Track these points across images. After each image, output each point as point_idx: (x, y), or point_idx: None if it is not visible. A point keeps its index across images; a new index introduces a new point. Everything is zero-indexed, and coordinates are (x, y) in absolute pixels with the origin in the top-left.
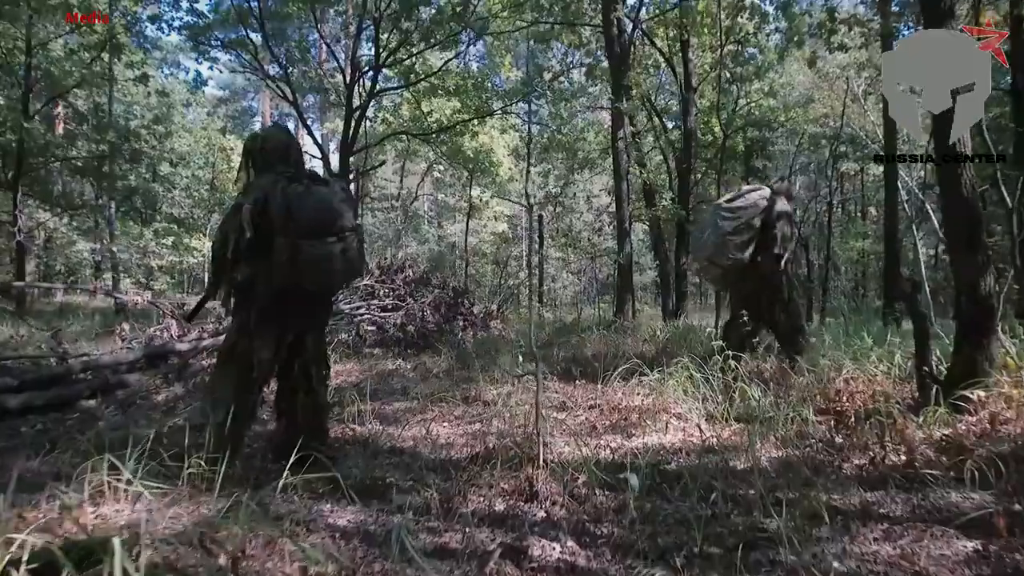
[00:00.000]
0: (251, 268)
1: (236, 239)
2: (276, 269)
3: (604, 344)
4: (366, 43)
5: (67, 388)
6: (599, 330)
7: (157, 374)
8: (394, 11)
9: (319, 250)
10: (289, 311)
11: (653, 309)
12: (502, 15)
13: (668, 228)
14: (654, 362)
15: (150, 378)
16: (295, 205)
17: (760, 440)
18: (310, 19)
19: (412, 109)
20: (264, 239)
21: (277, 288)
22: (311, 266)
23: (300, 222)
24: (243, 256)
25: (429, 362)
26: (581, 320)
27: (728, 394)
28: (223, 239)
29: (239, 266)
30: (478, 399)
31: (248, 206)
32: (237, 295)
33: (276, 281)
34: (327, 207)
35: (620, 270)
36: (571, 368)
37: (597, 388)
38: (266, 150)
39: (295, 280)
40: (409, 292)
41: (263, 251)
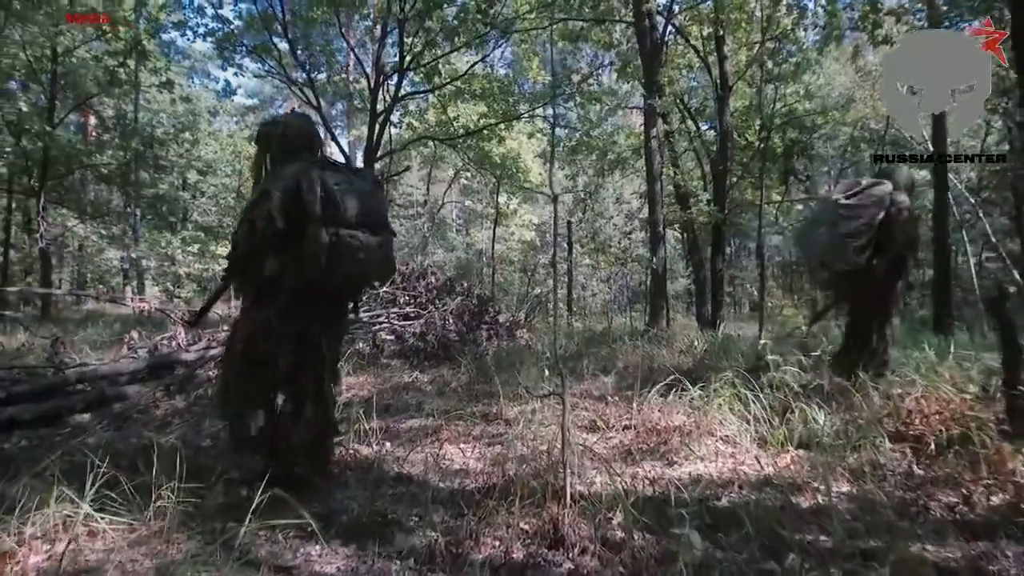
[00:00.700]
0: (279, 260)
1: (263, 229)
2: (308, 261)
3: (638, 356)
4: (391, 46)
5: (60, 401)
6: (631, 340)
7: (159, 386)
8: (418, 11)
9: (360, 242)
10: (313, 308)
11: (687, 318)
12: (529, 16)
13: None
14: (693, 376)
15: (151, 390)
16: (338, 194)
17: (826, 471)
18: (335, 23)
19: (438, 114)
20: (294, 230)
21: (304, 282)
22: (350, 259)
23: (344, 212)
24: (271, 248)
25: (448, 374)
26: (612, 329)
27: (783, 415)
28: (250, 229)
29: (267, 258)
30: (499, 417)
31: (278, 194)
32: (261, 290)
33: (306, 275)
34: (371, 198)
35: (654, 276)
36: (602, 382)
37: (632, 405)
38: (287, 137)
39: (327, 274)
40: (431, 300)
41: (292, 243)
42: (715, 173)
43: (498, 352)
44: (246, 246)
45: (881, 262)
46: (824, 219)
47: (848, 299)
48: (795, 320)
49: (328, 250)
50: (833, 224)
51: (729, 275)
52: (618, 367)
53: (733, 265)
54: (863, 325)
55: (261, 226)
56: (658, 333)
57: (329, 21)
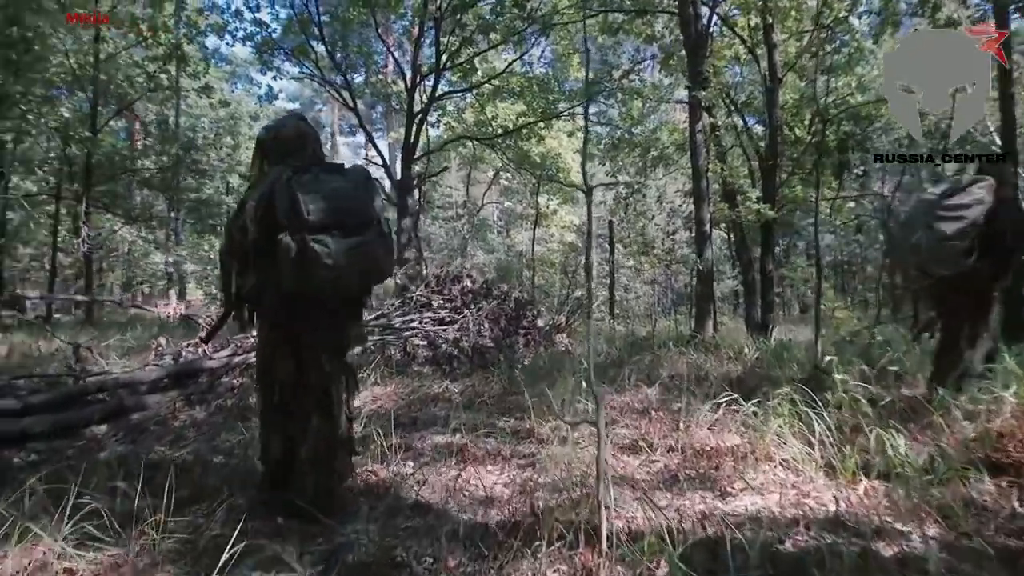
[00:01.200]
0: (259, 273)
1: (240, 241)
2: (283, 272)
3: (683, 364)
4: (428, 46)
5: (76, 411)
6: (676, 346)
7: (180, 395)
8: (453, 7)
9: (330, 248)
10: (305, 320)
11: (735, 321)
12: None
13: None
14: (744, 387)
15: (171, 400)
16: (302, 197)
17: (911, 508)
18: (371, 24)
19: (476, 113)
20: (270, 240)
21: (286, 295)
22: (320, 267)
23: (308, 215)
24: (251, 260)
25: (480, 384)
26: (656, 334)
27: (853, 437)
28: (229, 242)
29: (248, 272)
30: (532, 435)
31: (252, 203)
32: (251, 306)
33: (284, 286)
34: (340, 197)
35: (700, 278)
36: (645, 394)
37: (678, 421)
38: (279, 140)
39: (300, 283)
40: (466, 304)
41: (271, 253)
42: (764, 169)
43: (535, 359)
44: (228, 262)
45: (985, 265)
46: (920, 221)
47: (947, 306)
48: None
49: (296, 257)
50: (931, 226)
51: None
52: (662, 377)
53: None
54: (959, 333)
55: (239, 238)
56: (705, 339)
57: (365, 22)
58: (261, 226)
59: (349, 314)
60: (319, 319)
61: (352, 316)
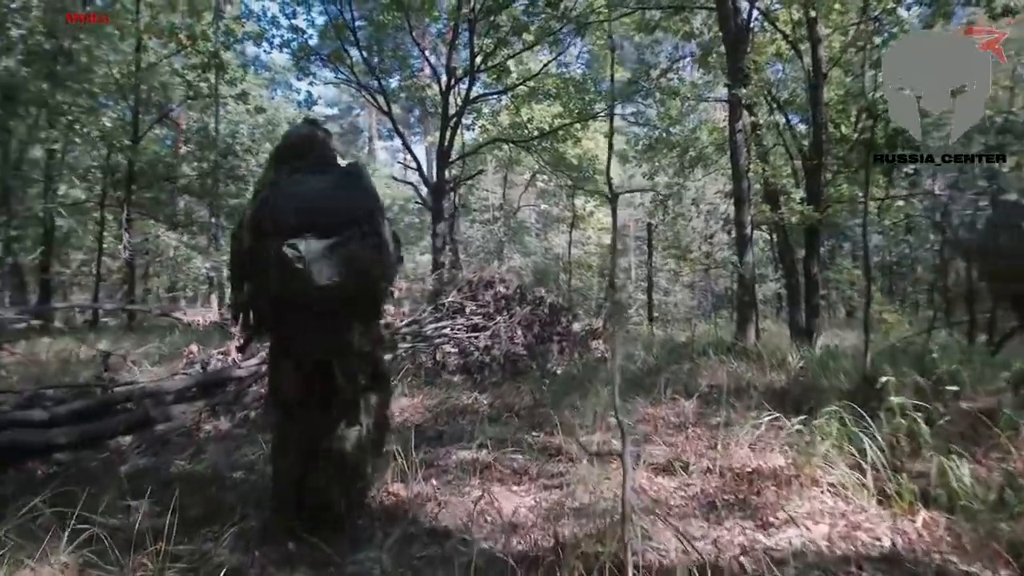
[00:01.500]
0: (254, 280)
1: (237, 250)
2: (270, 278)
3: (723, 373)
4: (463, 47)
5: (102, 422)
6: (716, 354)
7: (206, 405)
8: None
9: (300, 250)
10: (299, 331)
11: (778, 325)
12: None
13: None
14: (788, 400)
15: (196, 410)
16: (282, 200)
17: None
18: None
19: (511, 116)
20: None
21: (275, 301)
22: (293, 270)
23: (281, 218)
24: (247, 268)
25: (511, 395)
26: (695, 340)
27: (909, 461)
28: (230, 251)
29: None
30: (561, 452)
31: (249, 211)
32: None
33: (272, 292)
34: (314, 197)
35: (741, 282)
36: (682, 407)
37: (716, 438)
38: (289, 145)
39: (283, 289)
40: (499, 310)
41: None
42: (808, 169)
43: (570, 367)
44: (233, 270)
45: None
46: (1009, 223)
47: None
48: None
49: (275, 262)
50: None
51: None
52: (701, 387)
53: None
54: None
55: (236, 247)
56: (746, 346)
57: (400, 25)
58: (254, 233)
59: (352, 317)
60: (309, 323)
61: (357, 319)
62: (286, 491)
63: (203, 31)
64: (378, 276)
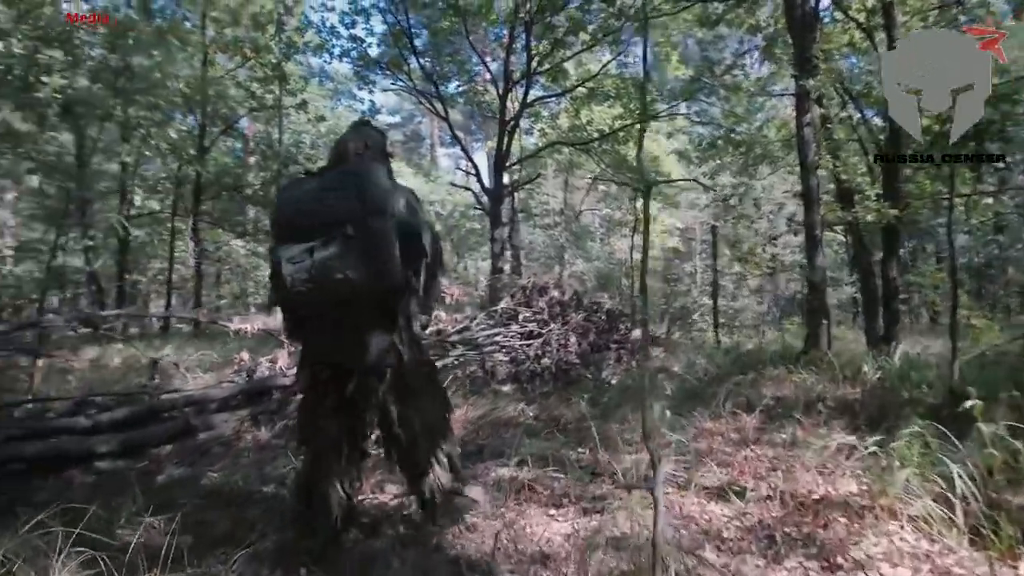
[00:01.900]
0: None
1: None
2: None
3: (790, 384)
4: (520, 50)
5: (144, 430)
6: (783, 363)
7: (250, 413)
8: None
9: (279, 256)
10: (311, 338)
11: (853, 332)
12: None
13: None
14: (863, 416)
15: (238, 419)
16: (281, 203)
17: None
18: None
19: (571, 118)
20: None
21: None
22: (276, 278)
23: (277, 223)
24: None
25: (560, 406)
26: (763, 347)
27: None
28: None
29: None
30: (606, 472)
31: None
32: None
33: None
34: (298, 201)
35: (811, 287)
36: (743, 422)
37: (779, 459)
38: (335, 151)
39: (274, 294)
40: (553, 317)
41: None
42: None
43: (627, 377)
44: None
45: None
46: None
47: None
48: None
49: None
50: None
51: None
52: (766, 399)
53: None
54: None
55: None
56: (817, 355)
57: (457, 31)
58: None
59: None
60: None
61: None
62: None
63: (266, 44)
64: (365, 280)
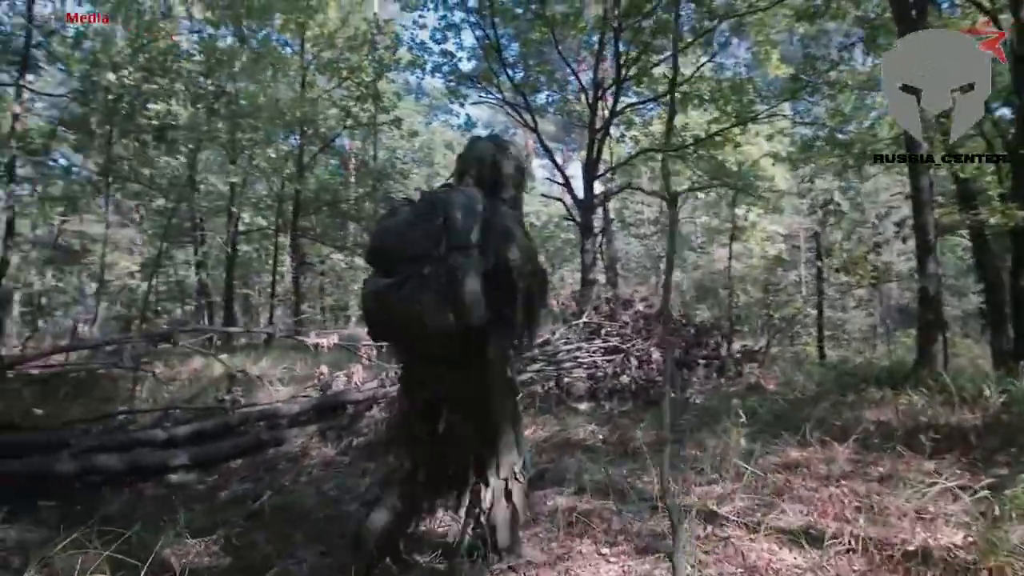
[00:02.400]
0: None
1: None
2: None
3: (894, 408)
4: (609, 58)
5: (217, 444)
6: (890, 383)
7: (321, 428)
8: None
9: (372, 287)
10: (406, 367)
11: (980, 347)
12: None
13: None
14: (980, 450)
15: (308, 435)
16: (373, 233)
17: None
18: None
19: (663, 123)
20: None
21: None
22: (364, 309)
23: (368, 252)
24: None
25: (633, 428)
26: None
27: None
28: None
29: None
30: (705, 509)
31: None
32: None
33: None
34: (390, 232)
35: (923, 298)
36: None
37: (870, 498)
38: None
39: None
40: (638, 331)
41: None
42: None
43: (713, 395)
44: None
45: None
46: None
47: None
48: None
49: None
50: None
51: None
52: (863, 425)
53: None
54: None
55: None
56: (930, 374)
57: (547, 41)
58: None
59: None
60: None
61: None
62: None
63: (360, 64)
64: (440, 320)
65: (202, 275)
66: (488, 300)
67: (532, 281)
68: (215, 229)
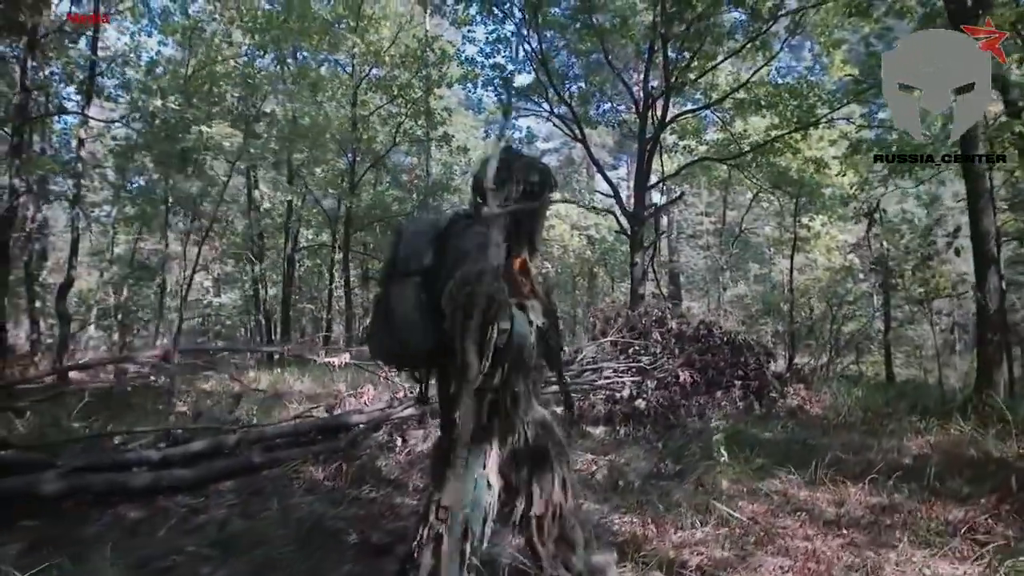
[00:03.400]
0: None
1: None
2: None
3: (948, 443)
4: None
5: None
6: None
7: (313, 452)
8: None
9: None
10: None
11: None
12: None
13: None
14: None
15: (302, 458)
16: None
17: None
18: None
19: (719, 131)
20: None
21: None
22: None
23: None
24: None
25: (642, 457)
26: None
27: None
28: None
29: None
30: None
31: None
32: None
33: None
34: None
35: (981, 316)
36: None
37: (869, 555)
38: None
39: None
40: (669, 350)
41: None
42: None
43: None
44: None
45: None
46: None
47: None
48: None
49: None
50: None
51: None
52: (895, 459)
53: None
54: None
55: None
56: (988, 402)
57: (595, 50)
58: None
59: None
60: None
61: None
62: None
63: (409, 81)
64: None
65: (260, 290)
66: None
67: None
68: (274, 247)
